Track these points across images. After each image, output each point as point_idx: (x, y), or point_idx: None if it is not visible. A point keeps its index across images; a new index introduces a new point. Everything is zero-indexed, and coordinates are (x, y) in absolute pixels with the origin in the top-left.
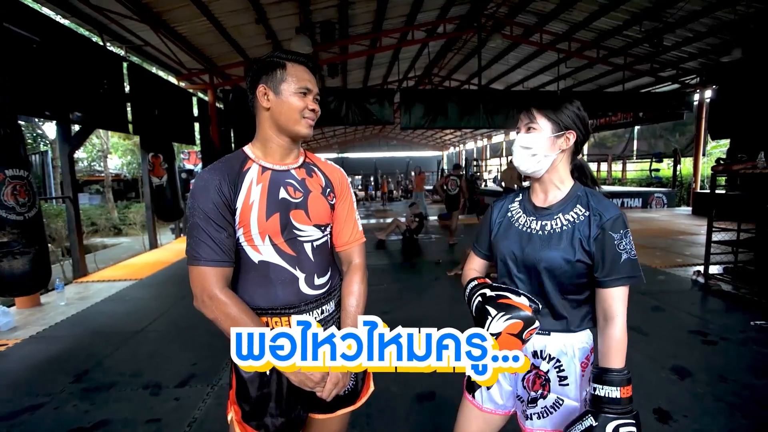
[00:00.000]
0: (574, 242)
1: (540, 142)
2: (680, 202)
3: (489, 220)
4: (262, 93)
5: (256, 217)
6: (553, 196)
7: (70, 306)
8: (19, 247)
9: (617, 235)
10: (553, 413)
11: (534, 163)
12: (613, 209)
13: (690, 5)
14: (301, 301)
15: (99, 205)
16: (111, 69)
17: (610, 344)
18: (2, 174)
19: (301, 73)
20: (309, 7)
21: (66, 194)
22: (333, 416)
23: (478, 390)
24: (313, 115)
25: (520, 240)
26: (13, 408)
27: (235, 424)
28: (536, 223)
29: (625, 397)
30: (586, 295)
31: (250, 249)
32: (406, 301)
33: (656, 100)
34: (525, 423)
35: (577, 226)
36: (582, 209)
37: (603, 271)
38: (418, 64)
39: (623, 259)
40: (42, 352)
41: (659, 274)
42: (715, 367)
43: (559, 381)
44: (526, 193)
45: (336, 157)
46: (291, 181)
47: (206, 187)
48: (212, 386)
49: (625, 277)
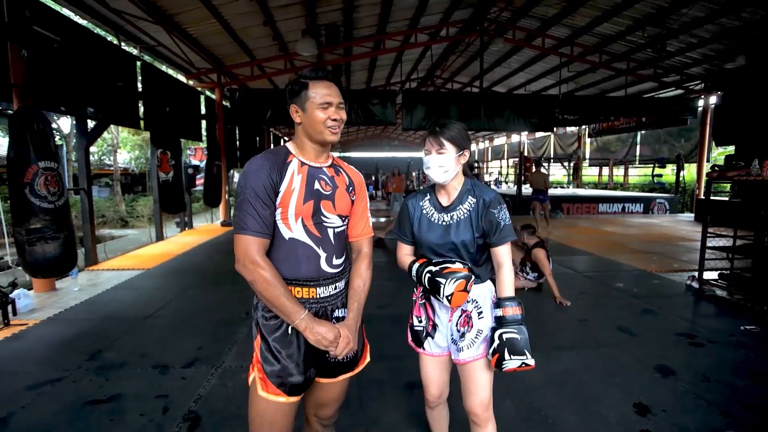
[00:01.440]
0: (473, 224)
1: (449, 161)
2: (683, 208)
3: (408, 214)
4: (294, 111)
5: (295, 200)
6: (453, 195)
7: (82, 291)
8: (51, 232)
9: (496, 210)
10: (476, 341)
11: (446, 176)
12: (490, 193)
13: (693, 12)
14: (320, 276)
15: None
16: (125, 68)
17: (502, 281)
18: (36, 165)
19: (323, 89)
20: (315, 10)
21: (81, 186)
22: (335, 380)
23: (425, 342)
24: (335, 123)
25: (439, 231)
26: (37, 380)
27: (258, 382)
28: (447, 216)
29: (509, 314)
30: (486, 257)
31: (284, 227)
32: (401, 297)
33: (659, 105)
34: (459, 356)
35: (472, 212)
36: (473, 199)
37: (492, 236)
38: (421, 66)
39: (503, 226)
40: (58, 332)
41: (654, 278)
42: (700, 367)
43: (478, 316)
44: (432, 194)
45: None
46: (323, 177)
47: (259, 170)
48: (216, 368)
49: (507, 236)
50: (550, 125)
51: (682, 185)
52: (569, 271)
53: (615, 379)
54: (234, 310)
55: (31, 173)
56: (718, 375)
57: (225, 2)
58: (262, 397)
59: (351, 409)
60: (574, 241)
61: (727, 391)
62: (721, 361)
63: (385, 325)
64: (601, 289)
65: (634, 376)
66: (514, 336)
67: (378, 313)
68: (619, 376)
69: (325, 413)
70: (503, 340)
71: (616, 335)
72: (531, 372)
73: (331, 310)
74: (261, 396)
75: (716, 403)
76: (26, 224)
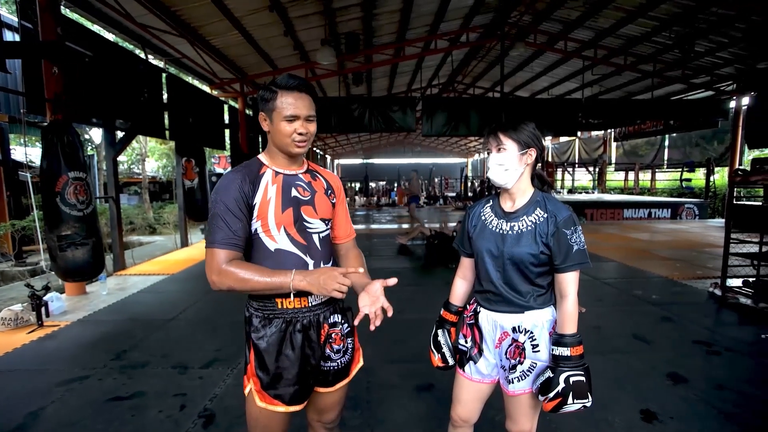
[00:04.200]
0: (537, 239)
1: (510, 159)
2: (714, 213)
3: (465, 224)
4: (263, 119)
5: (273, 210)
6: (519, 202)
7: (110, 295)
8: (80, 238)
9: (569, 231)
10: (530, 375)
11: (506, 177)
12: (564, 211)
13: (723, 10)
14: None
15: (136, 205)
16: (152, 80)
17: (564, 315)
18: (66, 176)
19: (290, 101)
20: (335, 19)
21: (109, 194)
22: (334, 389)
23: (467, 365)
24: (301, 138)
25: (494, 239)
26: (66, 377)
27: (255, 394)
28: (506, 225)
29: (575, 355)
30: (549, 280)
31: (267, 239)
32: (417, 303)
33: (688, 107)
34: (508, 387)
35: (538, 225)
36: (541, 212)
37: (559, 259)
38: (442, 72)
39: (574, 250)
40: (87, 333)
41: (675, 285)
42: (714, 376)
43: (532, 349)
44: (496, 200)
45: (361, 163)
46: (300, 183)
47: (229, 185)
48: (232, 369)
49: (576, 263)
50: (573, 130)
51: (713, 189)
52: (587, 278)
53: (625, 385)
54: None
55: (62, 183)
56: (733, 384)
57: (247, 14)
58: (261, 407)
59: (359, 410)
60: (595, 247)
61: (740, 400)
62: (737, 370)
63: (398, 329)
64: (619, 296)
65: (645, 383)
66: (581, 379)
67: (393, 318)
68: (629, 383)
69: (328, 418)
70: (569, 384)
71: (631, 342)
72: None
73: (324, 317)
74: (260, 406)
75: (727, 411)
76: (57, 231)
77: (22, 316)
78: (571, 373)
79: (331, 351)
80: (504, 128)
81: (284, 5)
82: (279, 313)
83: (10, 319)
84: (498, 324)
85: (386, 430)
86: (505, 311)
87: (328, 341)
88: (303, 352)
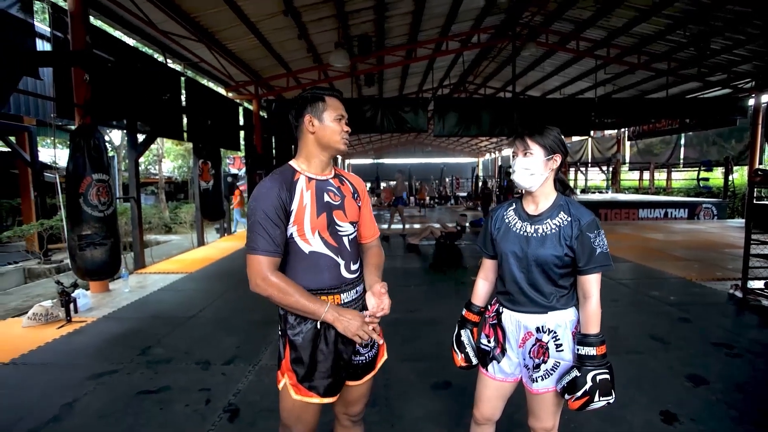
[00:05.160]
0: (561, 241)
1: (536, 163)
2: (734, 213)
3: (488, 226)
4: (308, 120)
5: (309, 215)
6: (543, 206)
7: (132, 293)
8: (99, 238)
9: (592, 234)
10: (553, 374)
11: (532, 180)
12: (587, 215)
13: (740, 7)
14: (342, 283)
15: (153, 205)
16: (171, 83)
17: (588, 316)
18: (90, 177)
19: (336, 104)
20: (347, 22)
21: (131, 195)
22: (361, 382)
23: (490, 364)
24: (347, 136)
25: (519, 241)
26: (96, 371)
27: (290, 387)
28: (531, 227)
29: (600, 354)
30: (571, 281)
31: (302, 243)
32: (430, 303)
33: (704, 105)
34: (532, 385)
35: (562, 228)
36: (565, 215)
37: (582, 261)
38: (453, 72)
39: (597, 253)
40: (113, 329)
41: (693, 287)
42: (735, 378)
43: (556, 348)
44: (519, 203)
45: (371, 162)
46: (331, 188)
47: (268, 193)
48: (253, 365)
49: (599, 265)
50: (586, 129)
51: (731, 189)
52: (604, 278)
53: (643, 385)
54: (269, 312)
55: (86, 184)
56: (755, 387)
57: (262, 18)
58: (296, 399)
59: (378, 407)
60: (611, 248)
61: (762, 403)
62: (759, 373)
63: (413, 328)
64: (635, 297)
65: (664, 384)
66: (606, 377)
67: (407, 317)
68: (647, 383)
69: (354, 410)
70: (596, 382)
71: (648, 342)
72: None
73: None
74: (295, 399)
75: (749, 413)
76: (78, 230)
77: (52, 311)
78: (597, 372)
79: (360, 345)
80: (531, 133)
81: (298, 10)
82: None
83: (41, 314)
84: (522, 324)
85: (405, 425)
86: (529, 311)
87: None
88: (336, 347)
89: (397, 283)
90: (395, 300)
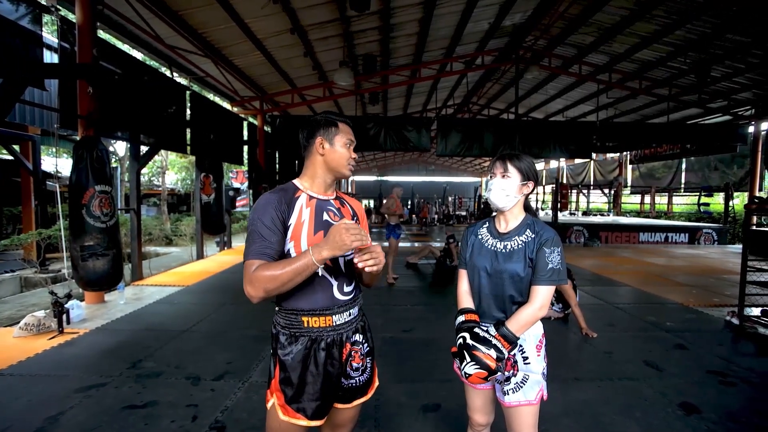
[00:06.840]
0: (526, 257)
1: (512, 186)
2: (734, 239)
3: (465, 240)
4: (320, 143)
5: (306, 231)
6: (512, 224)
7: (128, 305)
8: (101, 249)
9: (549, 249)
10: (524, 386)
11: (506, 201)
12: (549, 232)
13: (739, 37)
14: (335, 304)
15: (155, 216)
16: (176, 97)
17: (519, 315)
18: (93, 189)
19: (348, 131)
20: (353, 41)
21: (131, 206)
22: (350, 406)
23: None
24: (354, 162)
25: (489, 256)
26: (84, 384)
27: (278, 408)
28: (500, 244)
29: (495, 338)
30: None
31: None
32: (427, 322)
33: (705, 132)
34: (504, 398)
35: (527, 244)
36: (530, 233)
37: (535, 273)
38: (457, 93)
39: (548, 268)
40: (105, 341)
41: (690, 312)
42: (728, 407)
43: (523, 361)
44: (492, 221)
45: (375, 180)
46: (331, 208)
47: (266, 205)
48: (243, 382)
49: (549, 279)
50: (588, 152)
51: (732, 215)
52: (600, 302)
53: (634, 413)
54: (264, 328)
55: (88, 196)
56: (748, 416)
57: (269, 36)
58: (284, 420)
59: (366, 429)
60: (609, 271)
61: None
62: (752, 402)
63: (407, 348)
64: (631, 322)
65: (655, 412)
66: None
67: (401, 336)
68: (639, 411)
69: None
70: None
71: (642, 369)
72: (549, 401)
73: (346, 337)
74: (282, 419)
75: None
76: (80, 241)
77: (44, 322)
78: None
79: (351, 369)
80: (511, 157)
81: (305, 28)
82: (305, 331)
83: (33, 324)
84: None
85: None
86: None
87: (348, 359)
88: (326, 369)
89: (394, 302)
90: (391, 319)
